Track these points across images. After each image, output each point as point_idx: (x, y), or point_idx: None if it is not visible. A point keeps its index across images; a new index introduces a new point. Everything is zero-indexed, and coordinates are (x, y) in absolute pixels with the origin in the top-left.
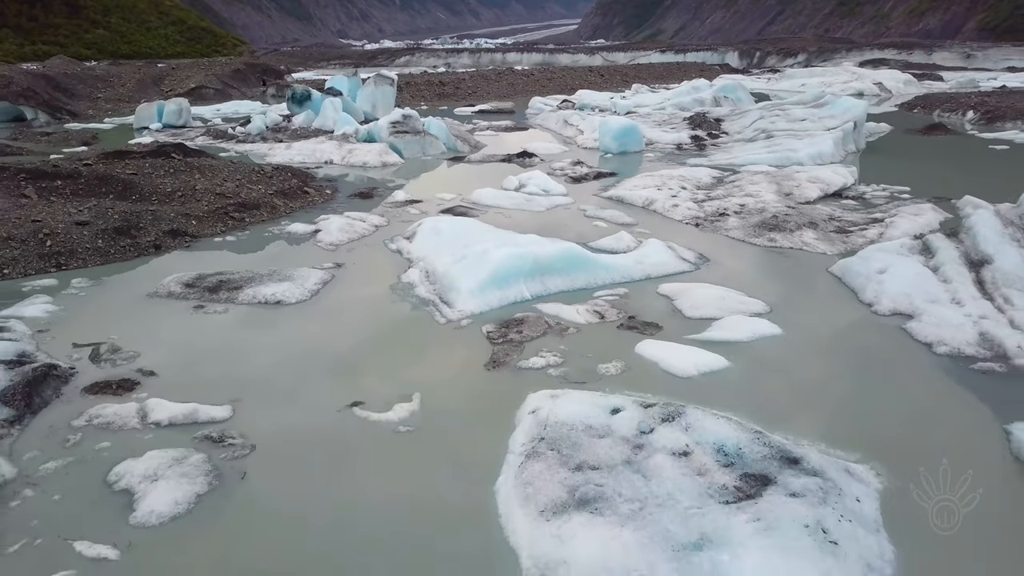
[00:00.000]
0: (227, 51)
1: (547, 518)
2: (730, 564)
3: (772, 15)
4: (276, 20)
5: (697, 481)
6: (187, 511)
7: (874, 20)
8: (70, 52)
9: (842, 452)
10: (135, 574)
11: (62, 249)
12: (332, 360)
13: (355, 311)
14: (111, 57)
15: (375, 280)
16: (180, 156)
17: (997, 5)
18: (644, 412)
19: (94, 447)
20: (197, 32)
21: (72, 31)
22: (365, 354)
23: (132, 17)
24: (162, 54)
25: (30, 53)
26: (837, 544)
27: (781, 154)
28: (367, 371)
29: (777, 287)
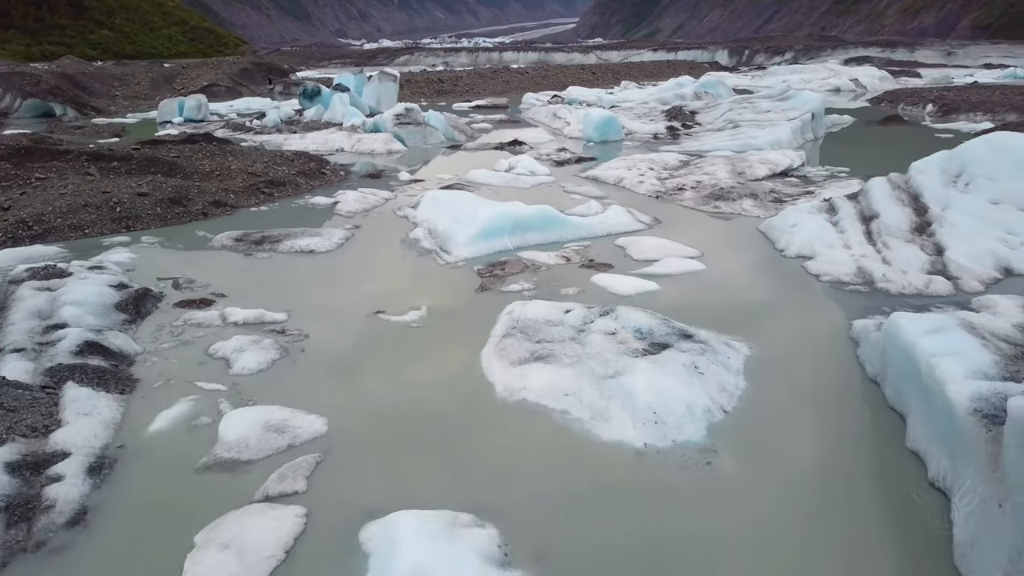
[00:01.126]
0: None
1: (514, 366)
2: (629, 381)
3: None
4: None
5: (618, 346)
6: (267, 368)
7: (869, 18)
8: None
9: (727, 334)
10: (240, 397)
11: (129, 214)
12: (357, 287)
13: (373, 257)
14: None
15: (388, 236)
16: (211, 143)
17: (990, 3)
18: (588, 311)
19: (192, 336)
20: (199, 32)
21: (78, 32)
22: (383, 284)
23: (136, 18)
24: (165, 54)
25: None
26: (703, 374)
27: (743, 141)
28: (386, 294)
29: (711, 239)
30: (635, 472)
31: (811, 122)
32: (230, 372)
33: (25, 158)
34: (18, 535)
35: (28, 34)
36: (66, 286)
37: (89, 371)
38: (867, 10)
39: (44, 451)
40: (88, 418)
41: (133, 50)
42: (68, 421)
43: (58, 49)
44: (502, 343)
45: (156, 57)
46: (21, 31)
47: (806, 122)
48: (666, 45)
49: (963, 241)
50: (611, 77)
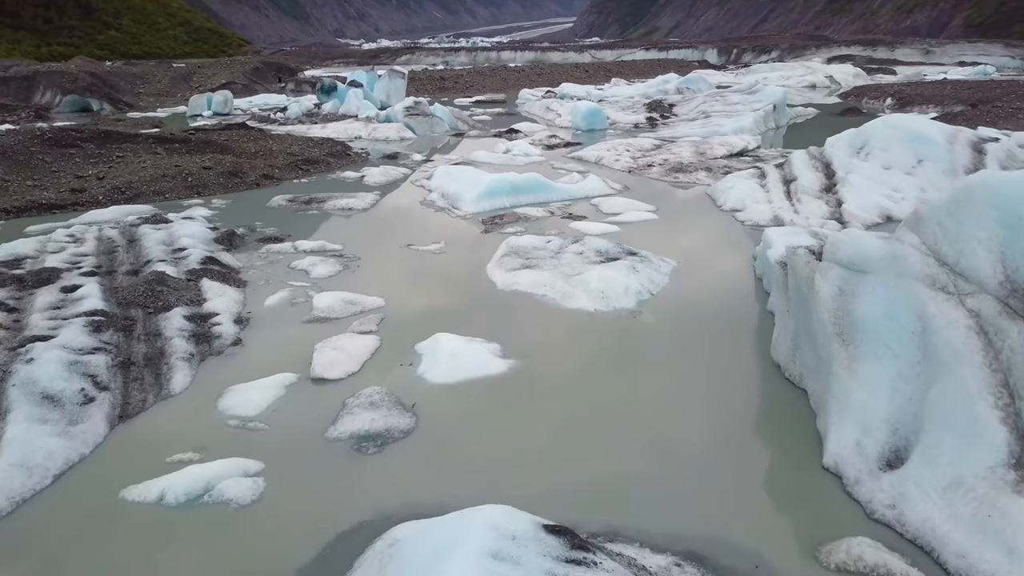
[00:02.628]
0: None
1: (510, 272)
2: (587, 275)
3: (765, 12)
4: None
5: (582, 259)
6: (335, 274)
7: (863, 17)
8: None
9: (664, 255)
10: (321, 288)
11: (198, 183)
12: (390, 230)
13: (399, 212)
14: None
15: (409, 199)
16: (249, 131)
17: (982, 2)
18: (563, 240)
19: (275, 258)
20: (203, 33)
21: (86, 32)
22: (410, 228)
23: (142, 19)
24: (171, 54)
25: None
26: (638, 272)
27: (711, 129)
28: (413, 234)
29: (666, 200)
30: (588, 322)
31: (773, 113)
32: (309, 276)
33: (105, 140)
34: (205, 348)
35: (37, 35)
36: (174, 226)
37: (213, 273)
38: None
39: (202, 312)
40: (223, 297)
41: (140, 50)
42: (210, 298)
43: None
44: (501, 260)
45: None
46: (31, 32)
47: (768, 112)
48: (658, 44)
49: (858, 196)
50: (603, 75)
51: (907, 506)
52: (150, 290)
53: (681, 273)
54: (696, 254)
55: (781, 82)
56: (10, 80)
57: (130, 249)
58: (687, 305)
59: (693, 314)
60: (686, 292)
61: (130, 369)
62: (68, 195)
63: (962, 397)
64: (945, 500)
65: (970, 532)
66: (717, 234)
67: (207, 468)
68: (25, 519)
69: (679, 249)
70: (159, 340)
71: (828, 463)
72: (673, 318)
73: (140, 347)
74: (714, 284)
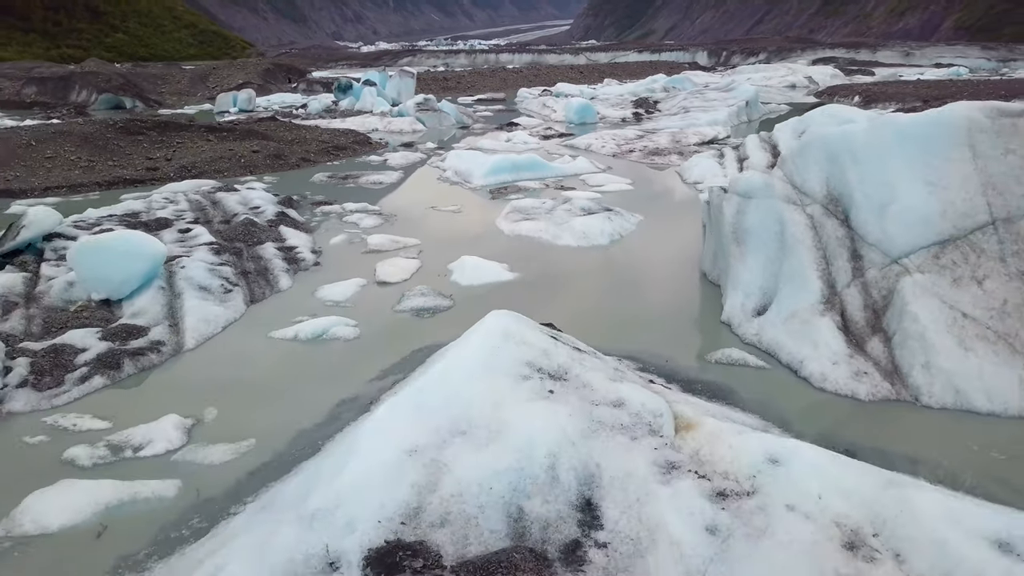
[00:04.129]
0: (236, 53)
1: (514, 222)
2: (573, 223)
3: (760, 15)
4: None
5: (570, 213)
6: (379, 225)
7: (856, 20)
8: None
9: (634, 212)
10: (372, 232)
11: (250, 164)
12: (416, 197)
13: (421, 185)
14: (130, 59)
15: (428, 176)
16: (280, 123)
17: (972, 5)
18: (555, 201)
19: (328, 215)
20: (208, 36)
21: (94, 35)
22: (431, 196)
23: (148, 22)
24: (176, 56)
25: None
26: (612, 221)
27: (688, 121)
28: (434, 200)
29: (642, 176)
30: (572, 253)
31: (746, 108)
32: (359, 226)
33: (164, 129)
34: (295, 266)
35: (47, 37)
36: (244, 192)
37: (287, 221)
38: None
39: (286, 245)
40: (297, 237)
41: (146, 52)
42: (288, 238)
43: (75, 52)
44: (507, 215)
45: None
46: (41, 35)
47: (741, 108)
48: (650, 47)
49: None
50: (597, 75)
51: (764, 333)
52: (246, 231)
53: (645, 223)
54: (659, 211)
55: (763, 82)
56: (48, 80)
57: (216, 208)
58: (646, 242)
59: (650, 247)
60: (647, 234)
61: (248, 276)
62: (145, 172)
63: (799, 266)
64: (784, 325)
65: (794, 339)
66: (678, 198)
67: (322, 320)
68: (210, 348)
69: (647, 208)
70: (262, 261)
71: (723, 318)
72: (635, 250)
73: (250, 264)
74: (669, 229)
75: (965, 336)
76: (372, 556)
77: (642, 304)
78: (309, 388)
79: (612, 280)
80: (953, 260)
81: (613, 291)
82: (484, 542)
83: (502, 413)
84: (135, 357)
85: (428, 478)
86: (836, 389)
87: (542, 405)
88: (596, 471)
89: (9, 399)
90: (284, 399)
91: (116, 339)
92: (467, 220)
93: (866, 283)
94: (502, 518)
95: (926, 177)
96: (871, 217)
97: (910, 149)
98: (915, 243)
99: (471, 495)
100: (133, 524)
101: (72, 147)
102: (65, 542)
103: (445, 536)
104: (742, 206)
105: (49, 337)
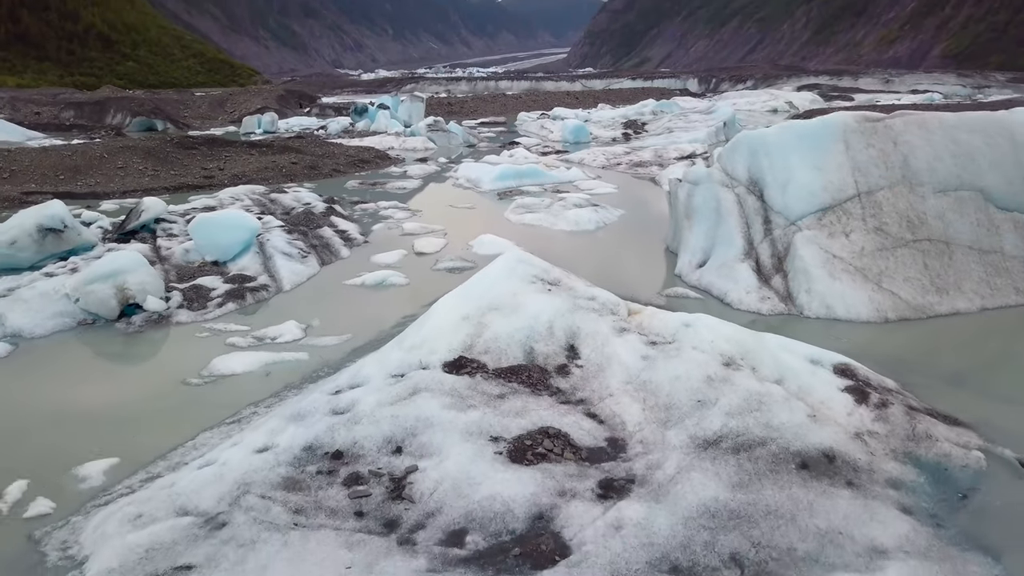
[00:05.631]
0: (243, 80)
1: (518, 215)
2: (567, 214)
3: (753, 43)
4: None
5: (566, 207)
6: (408, 217)
7: (847, 48)
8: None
9: (617, 207)
10: (406, 221)
11: (290, 173)
12: (436, 199)
13: (438, 189)
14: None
15: (443, 183)
16: (307, 140)
17: (959, 34)
18: (553, 199)
19: (366, 210)
20: (215, 63)
21: (106, 63)
22: (449, 197)
23: (158, 50)
24: (185, 83)
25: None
26: (598, 212)
27: (671, 140)
28: (452, 200)
29: (626, 182)
30: (565, 235)
31: (724, 128)
32: (394, 218)
33: (212, 145)
34: (350, 243)
35: (61, 66)
36: (295, 193)
37: (336, 213)
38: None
39: (339, 229)
40: (346, 224)
41: (156, 80)
42: (339, 224)
43: (88, 79)
44: (513, 210)
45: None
46: (55, 63)
47: (719, 128)
48: (643, 74)
49: None
50: (592, 101)
51: (703, 277)
52: (306, 218)
53: (625, 215)
54: (637, 207)
55: (747, 107)
56: (84, 104)
57: (275, 204)
58: (625, 228)
59: (627, 231)
60: (626, 222)
61: (316, 248)
62: (203, 179)
63: (729, 230)
64: (717, 272)
65: (723, 279)
66: (653, 198)
67: (380, 272)
68: (301, 290)
69: (627, 205)
70: (323, 239)
71: (676, 272)
72: (615, 233)
73: (315, 240)
74: (643, 219)
75: (834, 270)
76: (446, 364)
77: (618, 266)
78: (380, 309)
79: (596, 253)
80: (831, 220)
81: (597, 259)
82: (509, 361)
83: (518, 299)
84: (253, 292)
85: (475, 330)
86: (748, 308)
87: (544, 296)
88: (576, 330)
89: (175, 315)
90: (365, 315)
91: (234, 282)
92: (480, 214)
93: (773, 239)
94: (520, 352)
95: (814, 164)
96: (777, 193)
97: (804, 145)
98: (805, 210)
99: (502, 339)
100: (287, 371)
101: (138, 159)
102: (248, 379)
103: (487, 358)
104: (691, 190)
105: (185, 282)
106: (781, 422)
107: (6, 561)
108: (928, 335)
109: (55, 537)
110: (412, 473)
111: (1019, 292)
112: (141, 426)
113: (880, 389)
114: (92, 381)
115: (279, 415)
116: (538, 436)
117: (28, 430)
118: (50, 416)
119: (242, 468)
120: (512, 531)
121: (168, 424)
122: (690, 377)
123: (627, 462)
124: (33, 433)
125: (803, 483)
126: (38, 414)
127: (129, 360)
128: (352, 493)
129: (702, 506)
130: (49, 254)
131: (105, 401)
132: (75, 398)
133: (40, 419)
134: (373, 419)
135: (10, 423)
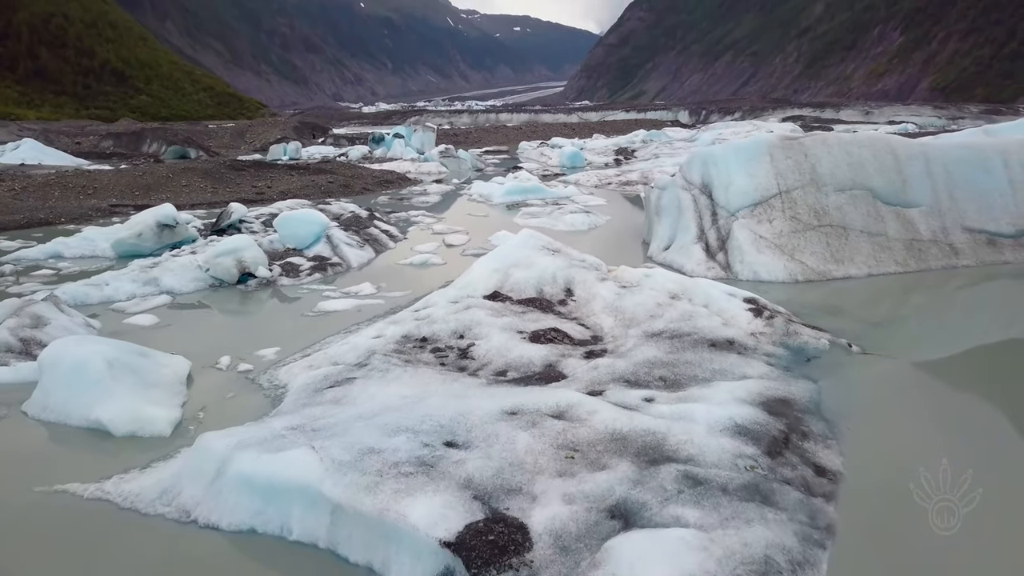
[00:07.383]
0: (251, 113)
1: (526, 220)
2: (564, 218)
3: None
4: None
5: (563, 214)
6: (436, 221)
7: (837, 81)
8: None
9: (605, 214)
10: (432, 226)
11: (327, 191)
12: (453, 209)
13: (457, 203)
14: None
15: (461, 197)
16: (335, 164)
17: (946, 68)
18: (553, 207)
19: (399, 218)
20: (224, 97)
21: (120, 97)
22: (465, 209)
23: (170, 85)
24: (195, 116)
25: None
26: (590, 217)
27: (657, 164)
28: (467, 211)
29: (615, 198)
30: (563, 234)
31: None
32: (423, 222)
33: (258, 168)
34: (393, 239)
35: (77, 99)
36: (335, 205)
37: (377, 219)
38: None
39: (383, 228)
40: (387, 226)
41: (168, 113)
42: (381, 226)
43: (103, 112)
44: (520, 216)
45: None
46: (71, 96)
47: None
48: (637, 106)
49: None
50: (587, 131)
51: (667, 257)
52: (355, 221)
53: (613, 220)
54: (622, 214)
55: (731, 136)
56: (122, 135)
57: (324, 212)
58: (611, 228)
59: (612, 230)
60: (612, 224)
61: (368, 241)
62: (255, 196)
63: (687, 222)
64: (677, 252)
65: (681, 257)
66: (636, 208)
67: (422, 255)
68: (366, 269)
69: (614, 213)
70: (372, 235)
71: (648, 255)
72: (605, 233)
73: (366, 236)
74: (626, 222)
75: (760, 247)
76: (485, 295)
77: (604, 252)
78: (427, 278)
79: (588, 244)
80: (759, 212)
81: (588, 248)
82: (527, 295)
83: (531, 259)
84: (331, 267)
85: (503, 278)
86: (698, 276)
87: (549, 257)
88: (572, 279)
89: (279, 280)
90: (417, 281)
91: (315, 261)
92: (494, 219)
93: (718, 227)
94: (534, 291)
95: (748, 171)
96: (721, 193)
97: (741, 157)
98: (741, 204)
99: (521, 283)
100: (371, 309)
101: (197, 178)
102: (346, 314)
103: (512, 293)
104: (660, 194)
105: (278, 261)
106: (703, 326)
107: (241, 388)
108: (826, 291)
109: (263, 378)
110: (471, 347)
111: (897, 264)
112: (285, 335)
113: (772, 311)
114: (239, 315)
115: (382, 321)
116: (547, 331)
117: (212, 335)
118: (221, 327)
119: (366, 344)
120: (533, 371)
121: (302, 334)
122: (646, 303)
123: (602, 344)
124: (216, 337)
125: (710, 352)
126: (214, 327)
127: (258, 304)
128: (437, 355)
129: (645, 360)
130: (164, 244)
131: (254, 322)
132: (230, 322)
133: (215, 330)
134: (444, 320)
135: (199, 329)
